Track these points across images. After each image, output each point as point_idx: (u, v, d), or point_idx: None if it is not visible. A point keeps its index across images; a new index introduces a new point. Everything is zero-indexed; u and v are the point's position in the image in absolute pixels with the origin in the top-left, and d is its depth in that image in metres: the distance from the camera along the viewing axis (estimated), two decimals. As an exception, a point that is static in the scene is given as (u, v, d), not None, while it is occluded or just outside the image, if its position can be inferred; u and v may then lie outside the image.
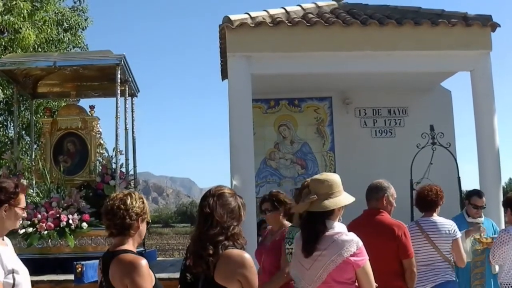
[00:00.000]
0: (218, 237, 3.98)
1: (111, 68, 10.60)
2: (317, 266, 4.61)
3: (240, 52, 10.80)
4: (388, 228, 6.20)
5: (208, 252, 3.93)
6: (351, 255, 4.55)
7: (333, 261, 4.54)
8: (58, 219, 9.70)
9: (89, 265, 8.51)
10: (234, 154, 10.76)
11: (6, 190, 4.28)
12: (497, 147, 11.00)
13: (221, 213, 4.04)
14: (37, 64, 11.16)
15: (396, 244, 6.11)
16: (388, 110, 14.23)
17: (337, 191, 4.77)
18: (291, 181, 13.94)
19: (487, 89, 11.09)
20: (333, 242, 4.59)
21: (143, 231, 4.31)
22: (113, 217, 4.18)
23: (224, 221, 4.03)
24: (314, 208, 4.70)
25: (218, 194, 4.15)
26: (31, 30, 16.85)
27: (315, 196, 4.71)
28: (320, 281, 4.61)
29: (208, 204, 4.10)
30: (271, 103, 14.14)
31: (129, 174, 11.37)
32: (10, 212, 4.31)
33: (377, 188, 6.49)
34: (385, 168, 12.68)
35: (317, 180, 4.84)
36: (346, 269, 4.58)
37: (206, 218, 4.06)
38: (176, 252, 31.79)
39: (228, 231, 4.01)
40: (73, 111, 11.58)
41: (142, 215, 4.25)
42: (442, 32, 10.91)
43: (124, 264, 4.03)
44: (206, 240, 3.98)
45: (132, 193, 4.32)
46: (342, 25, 10.81)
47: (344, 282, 4.62)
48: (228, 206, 4.10)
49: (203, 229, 4.05)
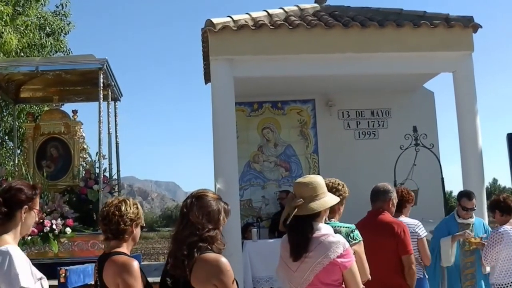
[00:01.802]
0: (191, 238, 3.95)
1: (94, 72, 10.59)
2: (304, 268, 4.59)
3: (222, 55, 10.78)
4: (388, 226, 6.46)
5: (183, 253, 3.93)
6: (338, 256, 4.52)
7: (319, 262, 4.52)
8: (42, 225, 9.66)
9: (72, 270, 8.49)
10: (217, 157, 10.75)
11: (26, 191, 4.24)
12: (480, 147, 11.04)
13: (196, 214, 4.01)
14: (20, 69, 11.13)
15: (396, 241, 6.35)
16: (371, 112, 14.26)
17: (321, 193, 4.75)
18: (275, 184, 13.95)
19: (470, 89, 11.12)
20: (320, 244, 4.56)
21: (137, 235, 4.47)
22: (109, 223, 4.31)
23: (198, 222, 3.98)
24: (301, 212, 4.66)
25: (198, 196, 4.14)
26: (13, 34, 16.76)
27: (301, 200, 4.67)
28: (307, 283, 4.59)
29: (186, 204, 4.10)
30: (255, 106, 14.14)
31: (112, 179, 11.34)
32: (29, 215, 4.26)
33: (385, 191, 6.80)
34: (368, 169, 12.72)
35: (301, 183, 4.82)
36: (333, 270, 4.56)
37: (182, 218, 4.07)
38: (161, 256, 31.64)
39: (201, 233, 3.97)
40: (56, 116, 11.56)
41: (136, 220, 4.39)
42: (424, 34, 10.94)
43: (117, 264, 4.19)
44: (181, 241, 3.99)
45: (127, 199, 4.45)
46: (324, 27, 10.82)
47: (330, 283, 4.60)
48: (206, 209, 4.07)
49: (178, 228, 4.07)
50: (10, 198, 4.17)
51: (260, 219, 13.07)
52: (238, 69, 10.79)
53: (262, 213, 13.68)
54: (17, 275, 3.92)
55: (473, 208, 8.38)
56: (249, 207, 13.63)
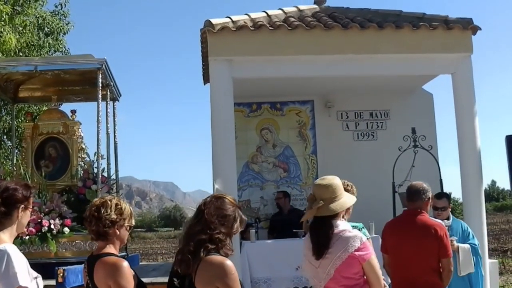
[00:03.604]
0: (201, 235, 4.00)
1: (93, 72, 10.58)
2: (325, 263, 4.85)
3: (221, 56, 10.78)
4: (431, 228, 6.49)
5: (189, 249, 3.97)
6: (355, 250, 4.80)
7: (339, 257, 4.79)
8: (40, 224, 9.66)
9: (70, 270, 8.48)
10: (216, 158, 10.75)
11: (22, 191, 4.28)
12: (479, 149, 11.04)
13: (212, 213, 4.08)
14: (18, 68, 11.11)
15: (438, 244, 6.41)
16: (370, 113, 14.27)
17: (340, 194, 5.04)
18: (273, 185, 13.96)
19: (468, 91, 11.13)
20: (338, 240, 4.84)
21: (122, 236, 4.42)
22: (89, 224, 4.36)
23: (212, 221, 4.04)
24: (322, 213, 4.93)
25: (218, 196, 4.25)
26: (12, 34, 16.75)
27: (321, 202, 4.92)
28: (329, 277, 4.84)
29: (205, 202, 4.18)
30: (253, 106, 14.14)
31: (111, 179, 11.34)
32: (24, 214, 4.31)
33: (424, 190, 6.88)
34: (367, 171, 12.73)
35: (320, 185, 5.05)
36: (352, 264, 4.82)
37: (198, 214, 4.14)
38: (160, 256, 31.74)
39: (212, 233, 4.01)
40: (55, 116, 11.55)
41: (119, 222, 4.35)
42: (423, 35, 10.94)
43: (107, 266, 4.19)
44: (190, 236, 4.04)
45: (108, 200, 4.40)
46: (324, 28, 10.82)
47: (351, 277, 4.85)
48: (223, 211, 4.13)
49: (192, 223, 4.14)
50: (7, 198, 4.20)
51: (259, 219, 13.06)
52: (237, 69, 10.79)
53: (260, 214, 13.68)
54: (15, 274, 3.95)
55: (444, 207, 8.39)
56: (248, 208, 13.62)
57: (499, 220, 47.23)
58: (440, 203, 8.37)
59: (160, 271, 10.87)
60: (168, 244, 41.45)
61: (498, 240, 30.61)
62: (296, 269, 10.00)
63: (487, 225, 9.60)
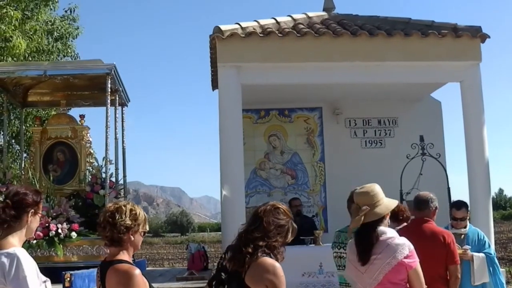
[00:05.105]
0: (260, 241, 4.24)
1: (102, 77, 10.61)
2: (373, 269, 4.92)
3: (230, 62, 10.80)
4: (439, 235, 6.65)
5: (248, 250, 4.20)
6: (404, 257, 4.88)
7: (388, 263, 4.87)
8: (47, 229, 9.68)
9: (77, 274, 8.49)
10: (224, 164, 10.76)
11: (32, 196, 4.30)
12: (487, 157, 11.03)
13: (270, 222, 4.30)
14: (28, 73, 11.14)
15: (446, 251, 6.57)
16: (378, 121, 14.26)
17: (382, 198, 5.17)
18: (281, 191, 13.94)
19: (477, 99, 11.13)
20: (387, 246, 4.91)
21: (137, 242, 4.36)
22: (103, 230, 4.26)
23: (270, 230, 4.28)
24: (369, 219, 5.02)
25: (276, 207, 4.41)
26: (22, 39, 16.80)
27: (367, 207, 5.03)
28: (376, 283, 4.92)
29: (264, 209, 4.37)
30: (261, 113, 14.15)
31: (118, 184, 11.35)
32: (34, 218, 4.33)
33: (432, 199, 7.03)
34: (375, 178, 12.53)
35: (363, 193, 5.21)
36: (400, 270, 4.89)
37: (255, 220, 4.34)
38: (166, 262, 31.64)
39: (271, 241, 4.27)
40: (63, 120, 11.59)
41: (134, 227, 4.29)
42: (432, 43, 10.94)
43: (119, 273, 4.14)
44: (249, 240, 4.26)
45: (123, 206, 4.33)
46: (332, 35, 10.83)
47: (398, 283, 4.93)
48: (280, 222, 4.35)
49: (249, 227, 4.34)
50: (18, 202, 4.22)
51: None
52: (246, 76, 10.80)
53: (267, 220, 13.62)
54: (25, 277, 3.97)
55: (464, 217, 8.34)
56: (255, 214, 13.58)
57: (507, 228, 46.92)
58: (459, 214, 8.27)
59: (166, 276, 10.88)
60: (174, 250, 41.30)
61: (505, 248, 30.42)
62: (301, 275, 10.03)
63: (494, 233, 9.55)
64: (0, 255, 4.05)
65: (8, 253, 4.05)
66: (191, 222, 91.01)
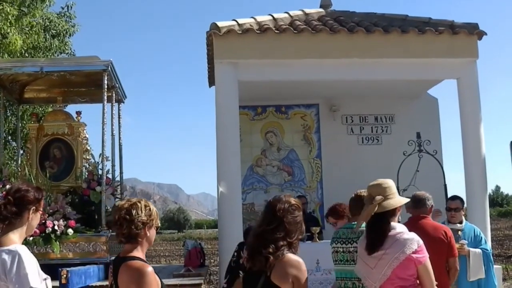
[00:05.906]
0: (281, 241, 4.35)
1: (98, 74, 10.57)
2: (382, 264, 4.94)
3: (227, 58, 10.80)
4: (441, 230, 7.03)
5: (269, 251, 4.29)
6: (413, 252, 4.89)
7: (396, 258, 4.88)
8: (44, 225, 9.64)
9: (74, 271, 8.47)
10: (221, 160, 10.75)
11: (34, 193, 4.31)
12: (483, 154, 11.04)
13: (290, 222, 4.43)
14: (24, 69, 11.09)
15: (447, 244, 6.91)
16: (375, 117, 14.28)
17: (394, 192, 5.19)
18: (277, 188, 13.95)
19: (473, 96, 11.13)
20: (396, 241, 4.94)
21: (151, 237, 4.42)
22: (120, 227, 4.28)
23: (291, 230, 4.42)
24: (383, 208, 5.04)
25: (291, 204, 4.50)
26: (18, 35, 16.76)
27: (381, 197, 5.07)
28: (385, 278, 4.93)
29: (283, 208, 4.46)
30: (258, 110, 14.16)
31: (115, 180, 11.33)
32: (35, 216, 4.34)
33: (428, 198, 7.36)
34: (371, 175, 12.53)
35: (376, 185, 5.24)
36: (409, 265, 4.91)
37: (274, 219, 4.44)
38: (163, 258, 31.63)
39: (292, 240, 4.41)
40: (60, 117, 11.55)
41: (149, 223, 4.35)
42: (429, 40, 10.95)
43: (131, 270, 4.16)
44: (269, 240, 4.35)
45: (138, 202, 4.39)
46: (329, 32, 10.83)
47: (407, 278, 4.94)
48: (296, 219, 4.49)
49: (267, 227, 4.41)
50: (20, 199, 4.22)
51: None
52: (243, 72, 10.80)
53: (264, 217, 13.65)
54: (26, 275, 3.97)
55: (457, 208, 8.44)
56: (252, 211, 13.62)
57: (503, 225, 47.04)
58: (453, 204, 8.46)
59: (163, 273, 10.85)
60: (171, 247, 41.31)
61: (502, 245, 30.46)
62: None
63: (491, 230, 9.57)
64: (1, 252, 4.07)
65: (9, 250, 4.06)
66: (188, 219, 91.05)
